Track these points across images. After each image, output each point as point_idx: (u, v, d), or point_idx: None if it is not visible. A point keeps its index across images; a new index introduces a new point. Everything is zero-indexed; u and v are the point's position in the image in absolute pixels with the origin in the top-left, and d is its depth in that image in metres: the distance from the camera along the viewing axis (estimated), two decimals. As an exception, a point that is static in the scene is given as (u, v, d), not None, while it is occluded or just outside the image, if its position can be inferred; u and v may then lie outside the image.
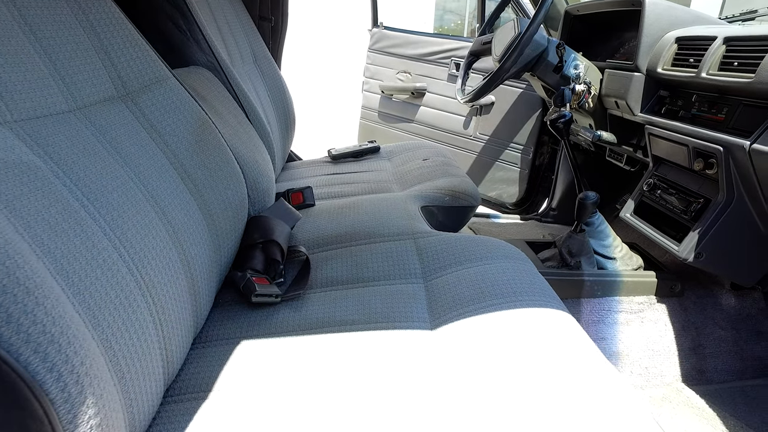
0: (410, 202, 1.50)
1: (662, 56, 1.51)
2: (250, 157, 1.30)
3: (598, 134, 1.67)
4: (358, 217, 1.39)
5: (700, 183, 1.43)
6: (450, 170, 1.83)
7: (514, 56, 1.57)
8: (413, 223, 1.33)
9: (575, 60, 1.72)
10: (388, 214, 1.38)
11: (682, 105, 1.47)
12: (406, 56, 3.00)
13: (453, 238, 1.24)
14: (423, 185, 1.70)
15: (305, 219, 1.45)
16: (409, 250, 1.22)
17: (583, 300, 1.46)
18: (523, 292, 1.01)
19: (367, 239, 1.29)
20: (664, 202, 1.51)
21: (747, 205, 1.32)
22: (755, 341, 1.49)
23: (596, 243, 1.54)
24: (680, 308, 1.51)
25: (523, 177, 2.60)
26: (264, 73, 2.02)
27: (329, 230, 1.35)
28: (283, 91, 2.10)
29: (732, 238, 1.34)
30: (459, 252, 1.18)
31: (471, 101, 1.75)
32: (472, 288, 1.05)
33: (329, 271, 1.20)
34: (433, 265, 1.17)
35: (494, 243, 1.21)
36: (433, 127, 2.89)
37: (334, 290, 1.14)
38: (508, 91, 2.58)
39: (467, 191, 1.64)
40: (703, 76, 1.33)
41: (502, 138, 2.63)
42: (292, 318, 1.06)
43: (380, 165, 2.10)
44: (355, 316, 1.03)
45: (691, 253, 1.36)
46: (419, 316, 1.02)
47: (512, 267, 1.11)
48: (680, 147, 1.43)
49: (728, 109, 1.31)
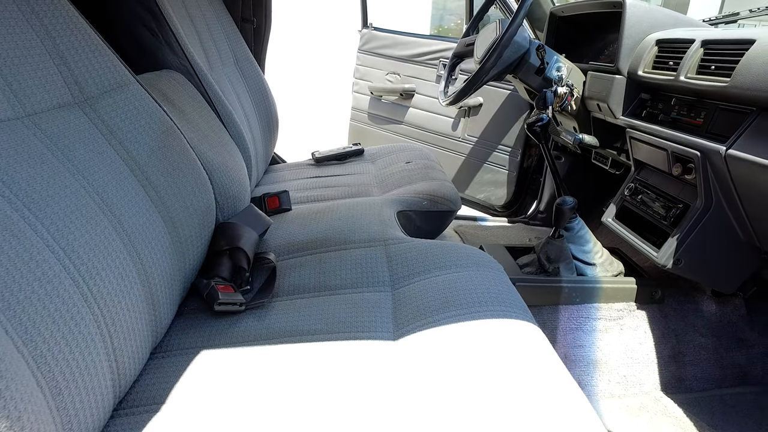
0: (386, 207, 1.48)
1: (643, 59, 1.49)
2: (220, 162, 1.28)
3: (580, 137, 1.65)
4: (330, 222, 1.37)
5: (679, 188, 1.40)
6: (431, 174, 1.81)
7: (494, 58, 1.55)
8: (386, 230, 1.31)
9: (558, 62, 1.70)
10: (361, 220, 1.36)
11: (663, 108, 1.45)
12: (395, 57, 2.98)
13: (424, 244, 1.22)
14: (402, 189, 1.68)
15: (278, 224, 1.43)
16: (379, 257, 1.20)
17: (561, 307, 1.44)
18: (489, 302, 0.99)
19: (338, 246, 1.27)
20: (644, 207, 1.49)
21: (725, 211, 1.29)
22: (736, 348, 1.47)
23: (576, 248, 1.52)
24: (660, 315, 1.49)
25: (511, 179, 2.57)
26: (246, 76, 2.00)
27: (300, 236, 1.33)
28: (266, 94, 2.08)
29: (711, 245, 1.32)
30: (429, 259, 1.16)
31: (452, 103, 1.72)
32: (438, 297, 1.03)
33: (297, 278, 1.18)
34: (402, 272, 1.15)
35: (465, 250, 1.19)
36: (422, 128, 2.86)
37: (300, 298, 1.12)
38: (496, 92, 2.55)
39: (446, 195, 1.62)
40: (681, 79, 1.31)
41: (490, 140, 2.60)
42: (255, 327, 1.04)
43: (363, 168, 2.08)
44: (317, 326, 1.01)
45: (670, 259, 1.34)
46: (383, 326, 1.00)
47: (481, 275, 1.08)
48: (660, 151, 1.41)
49: (706, 114, 1.29)
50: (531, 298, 1.45)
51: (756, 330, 1.48)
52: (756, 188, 1.15)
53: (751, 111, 1.15)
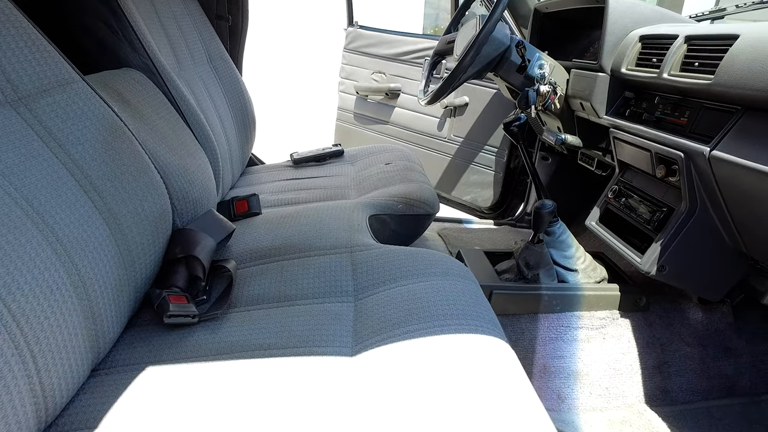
0: (358, 211, 1.41)
1: (626, 55, 1.43)
2: (178, 164, 1.22)
3: (563, 137, 1.59)
4: (296, 228, 1.31)
5: (663, 191, 1.34)
6: (409, 175, 1.74)
7: (471, 55, 1.48)
8: (353, 235, 1.24)
9: (540, 59, 1.64)
10: (329, 225, 1.30)
11: (646, 107, 1.38)
12: (380, 56, 2.92)
13: (391, 251, 1.15)
14: (378, 192, 1.61)
15: (244, 229, 1.37)
16: (344, 264, 1.14)
17: (541, 315, 1.38)
18: (455, 315, 0.93)
19: (302, 253, 1.20)
20: (628, 210, 1.42)
21: (710, 215, 1.23)
22: (723, 358, 1.40)
23: (557, 254, 1.45)
24: (645, 323, 1.42)
25: (498, 180, 2.51)
26: (220, 75, 1.93)
27: (265, 242, 1.27)
28: (242, 93, 2.02)
29: (696, 250, 1.26)
30: (395, 267, 1.10)
31: (430, 102, 1.66)
32: (402, 309, 0.96)
33: (256, 287, 1.12)
34: (366, 281, 1.09)
35: (435, 258, 1.12)
36: (408, 128, 2.80)
37: (257, 309, 1.06)
38: (483, 92, 2.49)
39: (423, 198, 1.55)
40: (664, 76, 1.25)
41: (476, 140, 2.54)
42: (207, 341, 0.97)
43: (342, 169, 2.02)
44: (272, 340, 0.95)
45: (654, 265, 1.27)
46: (341, 340, 0.94)
47: (449, 285, 1.02)
48: (643, 152, 1.34)
49: (690, 113, 1.22)
50: (509, 306, 1.38)
51: (744, 338, 1.42)
52: (741, 191, 1.08)
53: (735, 110, 1.08)
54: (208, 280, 1.14)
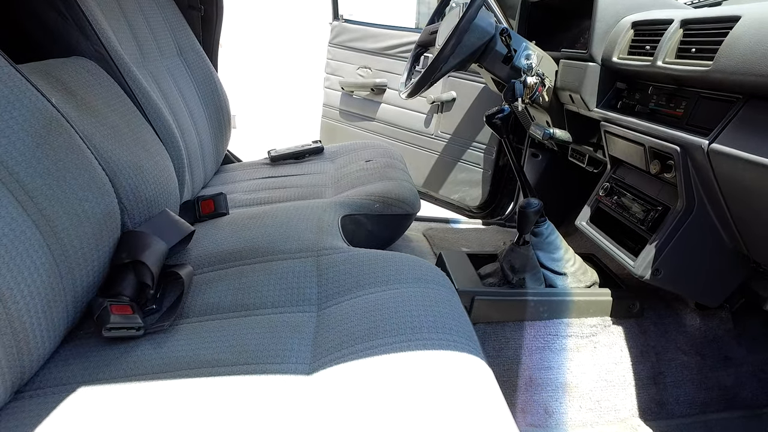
0: (330, 211, 1.31)
1: (618, 43, 1.33)
2: (130, 161, 1.11)
3: (550, 132, 1.49)
4: (262, 229, 1.20)
5: (658, 188, 1.24)
6: (389, 173, 1.64)
7: (452, 44, 1.38)
8: (322, 238, 1.14)
9: (527, 49, 1.54)
10: (297, 226, 1.20)
11: (640, 99, 1.29)
12: (366, 50, 2.82)
13: (361, 255, 1.05)
14: (355, 190, 1.51)
15: (206, 231, 1.26)
16: (308, 270, 1.04)
17: (527, 323, 1.28)
18: (425, 328, 0.83)
19: (265, 257, 1.10)
20: (621, 210, 1.33)
21: (709, 214, 1.14)
22: (722, 368, 1.31)
23: (545, 256, 1.35)
24: (639, 331, 1.33)
25: (487, 178, 2.41)
26: (191, 68, 1.83)
27: (227, 245, 1.16)
28: (215, 88, 1.91)
29: (693, 253, 1.16)
30: (363, 273, 1.00)
31: (411, 95, 1.56)
32: (366, 320, 0.86)
33: (212, 295, 1.01)
34: (332, 289, 0.99)
35: (408, 262, 1.02)
36: (394, 125, 2.70)
37: (211, 320, 0.96)
38: (470, 86, 2.39)
39: (401, 197, 1.45)
40: (658, 64, 1.15)
41: (464, 136, 2.44)
42: (150, 356, 0.87)
43: (321, 167, 1.92)
44: (223, 355, 0.85)
45: (648, 269, 1.18)
46: (299, 356, 0.84)
47: (421, 293, 0.92)
48: (637, 147, 1.25)
49: (686, 104, 1.13)
50: (492, 314, 1.28)
51: (744, 346, 1.33)
52: (742, 187, 0.99)
53: (736, 99, 0.99)
54: (159, 287, 1.04)
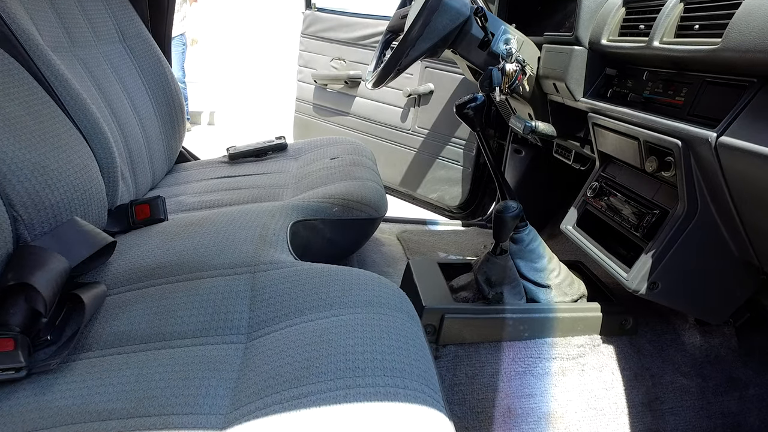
0: (279, 217, 1.14)
1: (607, 24, 1.17)
2: (30, 160, 0.93)
3: (532, 125, 1.32)
4: (196, 239, 1.03)
5: (655, 188, 1.09)
6: (354, 172, 1.47)
7: (419, 25, 1.22)
8: (262, 249, 0.97)
9: (506, 33, 1.37)
10: (236, 236, 1.02)
11: (633, 86, 1.13)
12: (339, 41, 2.65)
13: (304, 271, 0.88)
14: (313, 192, 1.34)
15: (132, 242, 1.09)
16: (241, 289, 0.87)
17: (505, 344, 1.12)
18: (372, 369, 0.66)
19: (193, 272, 0.93)
20: (611, 213, 1.17)
21: (714, 220, 0.98)
22: (726, 391, 1.15)
23: (526, 266, 1.19)
24: (632, 350, 1.17)
25: (467, 176, 2.25)
26: (136, 55, 1.64)
27: (151, 259, 0.99)
28: (165, 79, 1.73)
29: (695, 263, 1.01)
30: (305, 294, 0.83)
31: (376, 85, 1.39)
32: (300, 357, 0.69)
33: (125, 322, 0.84)
34: (266, 313, 0.81)
35: (360, 280, 0.85)
36: (369, 120, 2.54)
37: (117, 354, 0.78)
38: (449, 78, 2.23)
39: (365, 199, 1.28)
40: (655, 45, 0.99)
41: (443, 132, 2.28)
42: (27, 406, 0.69)
43: (283, 165, 1.74)
44: (118, 404, 0.67)
45: (644, 282, 1.02)
46: (214, 403, 0.66)
47: (372, 322, 0.75)
48: (630, 141, 1.09)
49: (688, 90, 0.97)
50: (465, 334, 1.12)
51: (750, 367, 1.18)
52: (756, 188, 0.83)
53: (750, 83, 0.83)
54: (60, 313, 0.86)
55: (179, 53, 5.73)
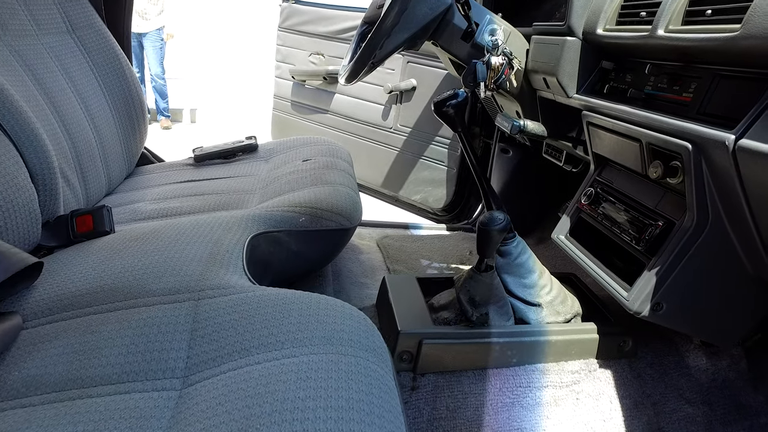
0: (236, 229, 1.00)
1: (603, 12, 1.05)
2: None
3: (520, 125, 1.20)
4: (136, 258, 0.89)
5: (658, 196, 0.97)
6: (326, 176, 1.34)
7: (394, 13, 1.09)
8: (210, 270, 0.84)
9: (491, 23, 1.25)
10: (183, 253, 0.89)
11: (633, 81, 1.01)
12: (318, 34, 2.52)
13: (254, 298, 0.75)
14: (279, 199, 1.21)
15: (65, 261, 0.95)
16: (181, 321, 0.73)
17: (491, 371, 0.99)
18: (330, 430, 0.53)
19: (127, 300, 0.79)
20: (608, 223, 1.05)
21: (727, 233, 0.86)
22: (734, 420, 1.04)
23: (514, 282, 1.07)
24: (632, 375, 1.05)
25: (451, 177, 2.13)
26: (88, 48, 1.50)
27: (82, 283, 0.85)
28: (123, 74, 1.59)
29: (705, 282, 0.89)
30: (253, 327, 0.70)
31: (349, 80, 1.26)
32: (238, 416, 0.56)
33: (37, 363, 0.70)
34: (207, 351, 0.68)
35: (319, 311, 0.72)
36: (349, 117, 2.41)
37: (20, 407, 0.65)
38: (432, 73, 2.11)
39: (335, 208, 1.15)
40: (660, 34, 0.87)
41: (426, 130, 2.16)
42: None
43: (253, 168, 1.61)
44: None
45: (646, 303, 0.90)
46: (128, 478, 0.53)
47: (329, 366, 0.62)
48: (630, 143, 0.97)
49: (698, 86, 0.85)
50: (446, 360, 0.99)
51: (761, 392, 1.07)
52: (780, 200, 0.71)
53: (773, 77, 0.71)
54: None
55: (157, 48, 5.56)
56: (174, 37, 5.71)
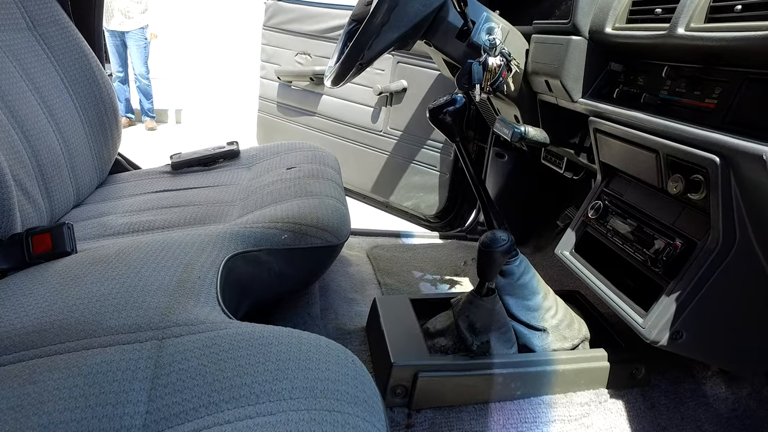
0: (211, 249, 0.90)
1: (612, 8, 0.96)
2: None
3: (521, 131, 1.11)
4: (96, 286, 0.79)
5: (675, 212, 0.88)
6: (312, 187, 1.24)
7: (384, 10, 0.99)
8: (178, 302, 0.74)
9: (488, 21, 1.16)
10: (147, 280, 0.79)
11: (646, 85, 0.92)
12: (304, 33, 2.42)
13: (227, 337, 0.65)
14: (260, 213, 1.11)
15: (16, 289, 0.84)
16: (141, 366, 0.63)
17: (493, 406, 0.90)
18: None
19: (79, 340, 0.69)
20: (619, 240, 0.96)
21: (755, 254, 0.78)
22: (759, 454, 0.96)
23: (517, 304, 0.98)
24: (645, 406, 0.97)
25: (444, 182, 2.04)
26: (52, 46, 1.39)
27: (30, 318, 0.75)
28: (92, 74, 1.48)
29: (730, 308, 0.81)
30: (224, 375, 0.60)
31: (335, 83, 1.17)
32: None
33: (-31, 420, 0.60)
34: (169, 405, 0.58)
35: (301, 351, 0.63)
36: (337, 120, 2.31)
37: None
38: (424, 74, 2.02)
39: (321, 223, 1.06)
40: (680, 33, 0.78)
41: (418, 133, 2.06)
42: None
43: (234, 176, 1.51)
44: None
45: (665, 331, 0.81)
46: None
47: (310, 428, 0.53)
48: (645, 153, 0.88)
49: (723, 90, 0.76)
50: (445, 394, 0.90)
51: (786, 421, 0.99)
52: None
53: (816, 82, 0.62)
54: None
55: (141, 47, 5.42)
56: (158, 37, 5.57)
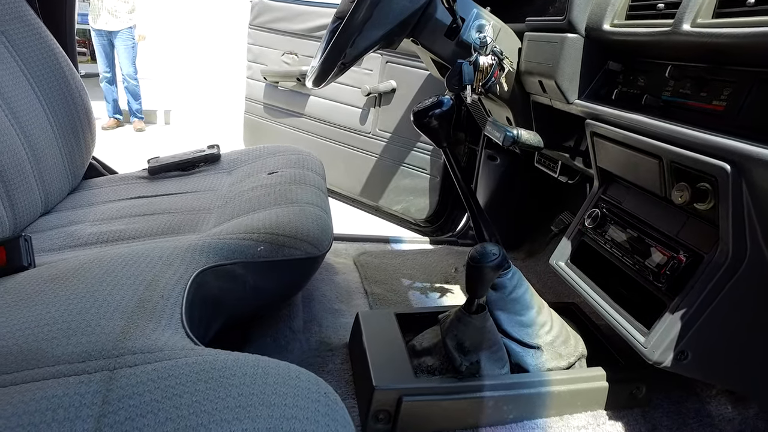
0: (180, 263, 0.83)
1: (611, 4, 0.90)
2: None
3: (514, 135, 1.05)
4: (47, 307, 0.72)
5: (679, 222, 0.82)
6: (293, 193, 1.17)
7: (366, 6, 0.93)
8: (135, 325, 0.67)
9: (479, 18, 1.10)
10: (104, 300, 0.72)
11: (647, 85, 0.86)
12: (291, 32, 2.36)
13: (185, 368, 0.58)
14: (236, 223, 1.04)
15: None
16: (85, 403, 0.56)
17: (484, 431, 0.84)
18: None
19: (22, 370, 0.62)
20: (617, 252, 0.90)
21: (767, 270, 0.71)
22: (768, 480, 0.90)
23: (509, 320, 0.92)
24: (646, 428, 0.91)
25: (435, 186, 1.98)
26: (16, 45, 1.31)
27: (-28, 342, 0.67)
28: (62, 74, 1.40)
29: (739, 326, 0.74)
30: (179, 414, 0.53)
31: (317, 83, 1.10)
32: None
33: None
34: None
35: (266, 385, 0.56)
36: (325, 122, 2.24)
37: None
38: (413, 74, 1.95)
39: (300, 233, 0.99)
40: (685, 30, 0.72)
41: (407, 135, 2.00)
42: None
43: (213, 182, 1.44)
44: None
45: (669, 352, 0.75)
46: None
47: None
48: (647, 159, 0.82)
49: (732, 91, 0.70)
50: (431, 419, 0.84)
51: (796, 443, 0.93)
52: None
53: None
54: None
55: (129, 47, 5.33)
56: (146, 38, 5.49)
